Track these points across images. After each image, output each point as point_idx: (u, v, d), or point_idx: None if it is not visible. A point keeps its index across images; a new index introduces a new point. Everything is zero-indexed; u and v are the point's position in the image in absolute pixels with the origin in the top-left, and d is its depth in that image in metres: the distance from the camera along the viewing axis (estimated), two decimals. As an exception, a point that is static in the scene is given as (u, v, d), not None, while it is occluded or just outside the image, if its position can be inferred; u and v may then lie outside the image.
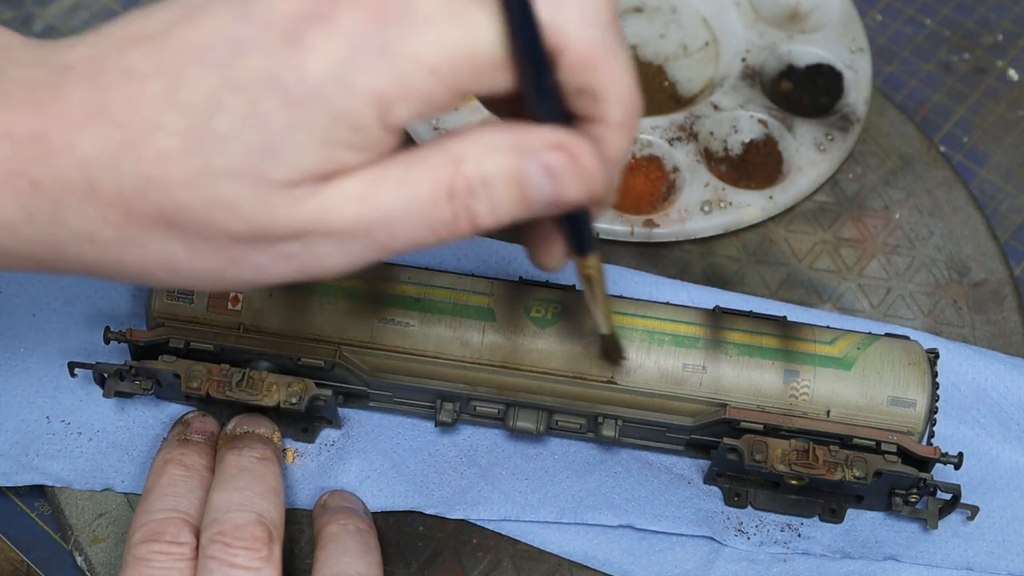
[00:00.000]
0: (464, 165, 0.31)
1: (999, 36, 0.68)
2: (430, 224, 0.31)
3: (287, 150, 0.30)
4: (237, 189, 0.30)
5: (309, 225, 0.31)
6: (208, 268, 0.32)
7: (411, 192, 0.31)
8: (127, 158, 0.30)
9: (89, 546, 0.47)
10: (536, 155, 0.31)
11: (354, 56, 0.29)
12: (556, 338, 0.47)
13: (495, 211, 0.31)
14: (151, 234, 0.31)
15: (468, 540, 0.48)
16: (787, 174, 0.58)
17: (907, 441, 0.46)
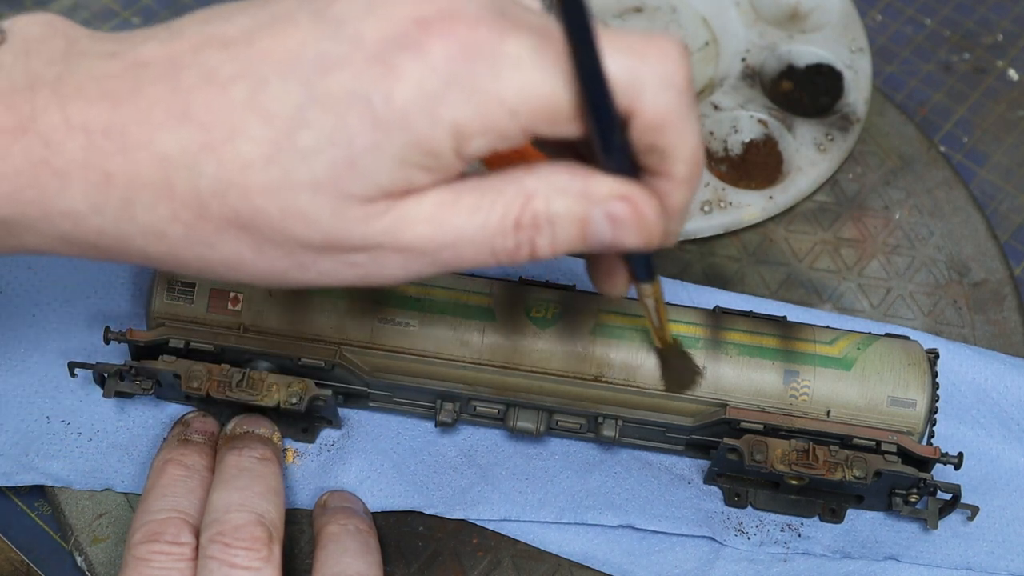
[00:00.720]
0: (534, 201, 0.32)
1: (999, 36, 0.68)
2: (493, 250, 0.33)
3: (367, 168, 0.30)
4: (316, 202, 0.31)
5: (381, 240, 0.32)
6: (272, 270, 0.33)
7: (482, 220, 0.32)
8: (207, 160, 0.30)
9: (89, 546, 0.47)
10: (601, 202, 0.32)
11: (442, 87, 0.30)
12: (556, 338, 0.47)
13: (555, 246, 0.33)
14: (222, 235, 0.32)
15: (468, 540, 0.48)
16: (787, 174, 0.58)
17: (907, 441, 0.46)
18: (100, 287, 0.52)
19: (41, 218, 0.32)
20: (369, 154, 0.30)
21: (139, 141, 0.31)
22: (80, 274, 0.52)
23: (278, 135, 0.30)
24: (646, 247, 0.33)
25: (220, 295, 0.47)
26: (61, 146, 0.31)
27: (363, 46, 0.30)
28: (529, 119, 0.31)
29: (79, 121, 0.31)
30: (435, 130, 0.30)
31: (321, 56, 0.30)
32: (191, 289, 0.47)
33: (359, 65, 0.30)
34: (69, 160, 0.31)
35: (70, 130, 0.31)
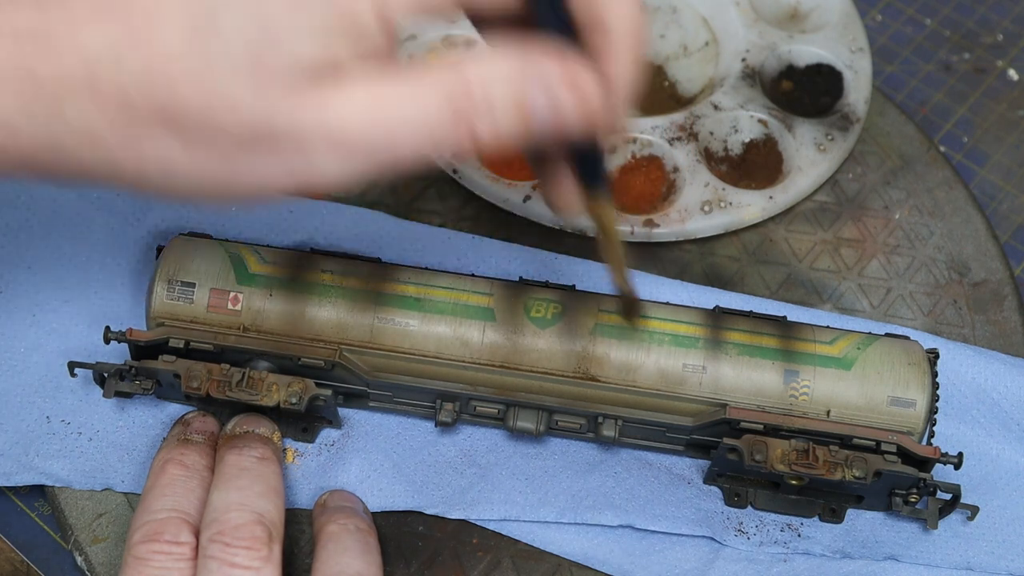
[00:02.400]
0: (470, 83, 0.31)
1: (999, 36, 0.68)
2: (432, 137, 0.32)
3: (286, 41, 0.30)
4: (237, 83, 0.30)
5: (311, 129, 0.31)
6: (205, 172, 0.32)
7: (417, 104, 0.31)
8: (129, 53, 0.30)
9: (89, 546, 0.47)
10: (540, 80, 0.32)
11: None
12: (556, 338, 0.47)
13: (496, 130, 0.32)
14: (150, 132, 0.31)
15: (468, 540, 0.48)
16: (787, 174, 0.58)
17: (907, 441, 0.46)
18: (100, 287, 0.52)
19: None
20: (287, 26, 0.30)
21: (63, 40, 0.30)
22: (80, 274, 0.52)
23: (197, 20, 0.30)
24: (589, 127, 0.33)
25: (220, 295, 0.47)
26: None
27: None
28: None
29: (8, 27, 0.30)
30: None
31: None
32: (191, 289, 0.47)
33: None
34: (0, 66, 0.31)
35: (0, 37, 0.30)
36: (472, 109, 0.32)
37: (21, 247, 0.52)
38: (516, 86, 0.32)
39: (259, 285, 0.47)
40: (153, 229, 0.53)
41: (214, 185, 0.32)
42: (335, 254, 0.49)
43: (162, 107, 0.31)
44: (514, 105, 0.32)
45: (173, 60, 0.30)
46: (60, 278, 0.52)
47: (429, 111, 0.31)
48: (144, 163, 0.32)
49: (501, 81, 0.32)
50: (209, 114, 0.31)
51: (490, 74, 0.32)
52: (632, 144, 0.59)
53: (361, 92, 0.31)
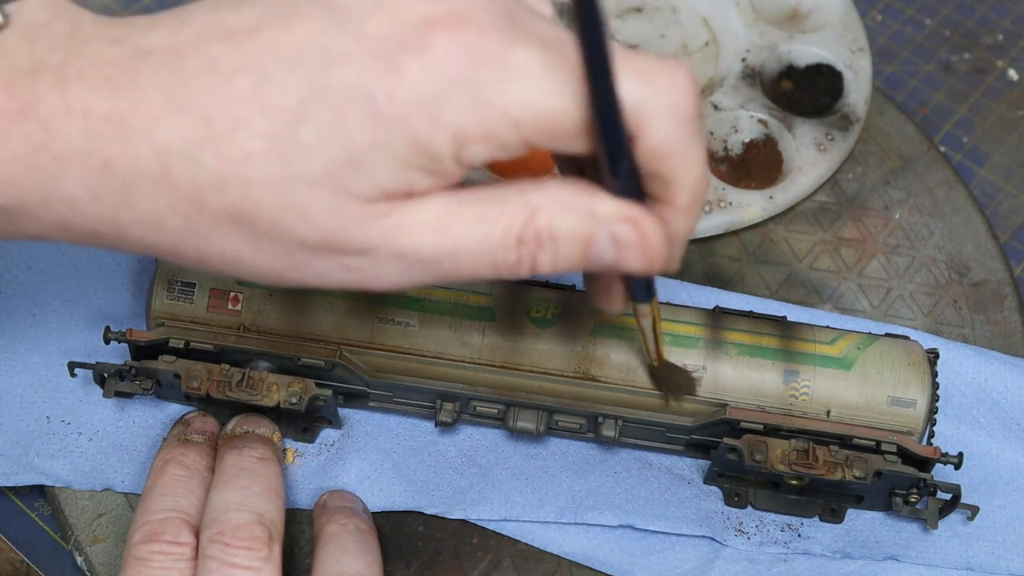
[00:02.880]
0: (538, 216, 0.32)
1: (999, 36, 0.68)
2: (494, 263, 0.32)
3: (367, 165, 0.30)
4: (315, 198, 0.31)
5: (380, 244, 0.32)
6: (269, 267, 0.33)
7: (484, 232, 0.32)
8: (207, 152, 0.30)
9: (89, 546, 0.47)
10: (607, 224, 0.32)
11: (444, 90, 0.30)
12: (556, 338, 0.47)
13: (556, 263, 0.33)
14: (219, 228, 0.32)
15: (468, 540, 0.48)
16: (787, 174, 0.58)
17: (907, 441, 0.46)
18: (100, 287, 0.52)
19: (40, 204, 0.32)
20: (368, 152, 0.30)
21: (139, 129, 0.30)
22: (80, 274, 0.52)
23: (278, 129, 0.30)
24: (648, 272, 0.33)
25: (220, 295, 0.47)
26: (60, 131, 0.30)
27: (368, 42, 0.30)
28: (531, 132, 0.30)
29: (79, 106, 0.30)
30: (435, 132, 0.30)
31: (325, 50, 0.30)
32: (191, 289, 0.47)
33: (363, 61, 0.30)
34: (68, 146, 0.31)
35: (70, 115, 0.30)
36: (536, 242, 0.32)
37: (21, 247, 0.52)
38: (582, 223, 0.32)
39: (259, 285, 0.47)
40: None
41: (275, 276, 0.33)
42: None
43: (235, 207, 0.31)
44: (578, 241, 0.32)
45: (251, 164, 0.30)
46: (60, 278, 0.52)
47: (493, 238, 0.32)
48: (207, 252, 0.32)
49: (568, 217, 0.32)
50: (282, 220, 0.31)
51: (558, 207, 0.32)
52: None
53: (431, 213, 0.32)
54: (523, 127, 0.30)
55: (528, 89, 0.30)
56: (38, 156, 0.31)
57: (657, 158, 0.32)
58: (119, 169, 0.31)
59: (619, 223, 0.32)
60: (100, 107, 0.30)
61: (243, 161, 0.30)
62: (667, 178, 0.32)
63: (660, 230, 0.33)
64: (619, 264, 0.33)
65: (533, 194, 0.32)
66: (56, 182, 0.31)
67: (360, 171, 0.30)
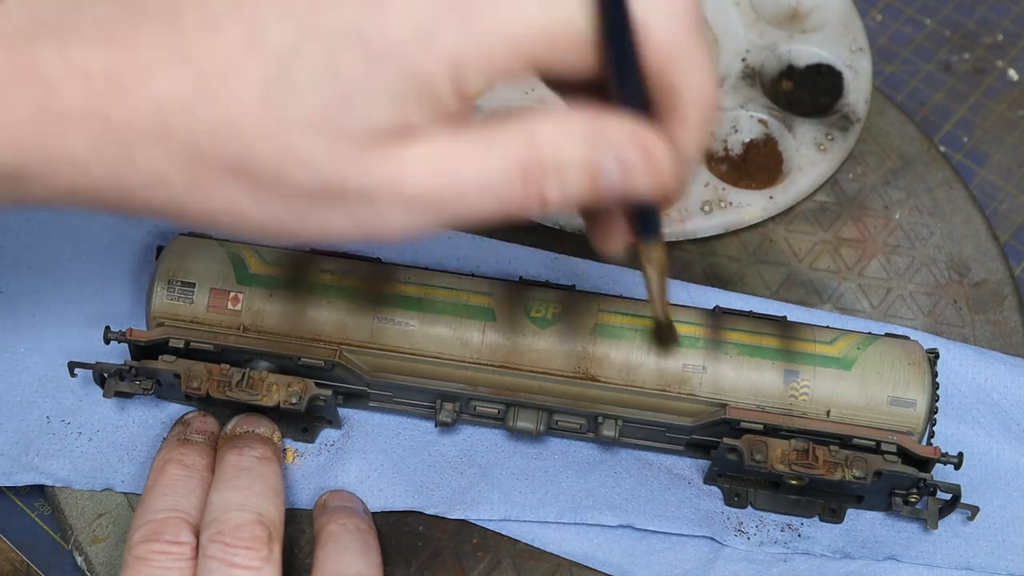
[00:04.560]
0: (541, 147, 0.31)
1: (999, 36, 0.68)
2: (500, 199, 0.32)
3: (362, 103, 0.30)
4: (312, 141, 0.30)
5: (381, 187, 0.31)
6: (272, 219, 0.32)
7: (487, 167, 0.31)
8: (203, 103, 0.30)
9: (89, 546, 0.47)
10: (612, 146, 0.31)
11: (436, 18, 0.29)
12: (556, 338, 0.47)
13: (564, 194, 0.32)
14: (220, 180, 0.31)
15: (468, 540, 0.48)
16: (787, 174, 0.58)
17: (907, 441, 0.46)
18: (100, 287, 0.52)
19: (45, 165, 0.31)
20: (363, 89, 0.30)
21: (135, 84, 0.30)
22: (80, 274, 0.52)
23: (272, 74, 0.30)
24: (659, 195, 0.32)
25: (220, 295, 0.47)
26: (61, 90, 0.30)
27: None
28: (531, 51, 0.30)
29: (79, 65, 0.30)
30: (430, 63, 0.29)
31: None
32: (191, 289, 0.47)
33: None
34: (69, 104, 0.30)
35: (70, 74, 0.30)
36: (541, 172, 0.31)
37: (21, 247, 0.52)
38: (587, 150, 0.31)
39: (259, 285, 0.47)
40: (153, 229, 0.53)
41: (280, 229, 0.33)
42: (335, 254, 0.49)
43: (233, 158, 0.31)
44: (584, 169, 0.32)
45: (247, 113, 0.30)
46: (60, 278, 0.52)
47: (497, 173, 0.31)
48: (211, 207, 0.32)
49: (572, 144, 0.31)
50: (280, 168, 0.31)
51: (561, 136, 0.31)
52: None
53: (432, 151, 0.31)
54: (522, 47, 0.30)
55: (521, 7, 0.29)
56: (41, 116, 0.31)
57: (665, 60, 0.31)
58: (119, 125, 0.31)
59: (625, 144, 0.31)
60: (98, 64, 0.30)
61: (237, 108, 0.30)
62: (674, 85, 0.31)
63: (668, 148, 0.32)
64: (628, 189, 0.32)
65: (535, 124, 0.31)
66: (60, 142, 0.31)
67: (355, 110, 0.30)
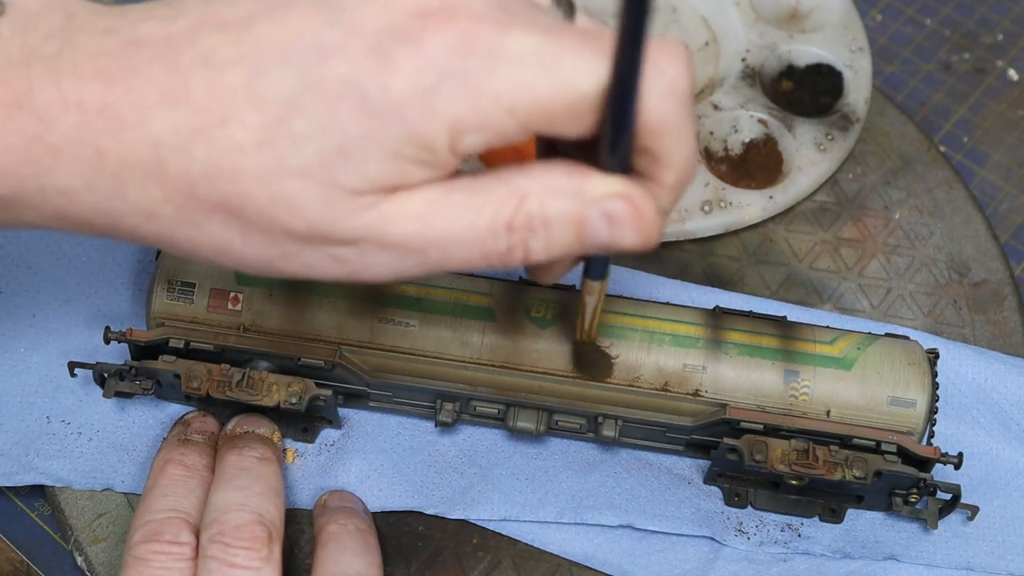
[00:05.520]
0: (527, 202, 0.32)
1: (999, 36, 0.68)
2: (484, 252, 0.32)
3: (358, 158, 0.30)
4: (305, 190, 0.31)
5: (367, 234, 0.32)
6: (259, 257, 0.33)
7: (472, 219, 0.32)
8: (199, 144, 0.30)
9: (89, 546, 0.47)
10: (599, 202, 0.32)
11: (438, 81, 0.30)
12: (556, 338, 0.47)
13: (549, 248, 0.33)
14: (210, 218, 0.32)
15: (468, 540, 0.48)
16: (787, 174, 0.58)
17: (907, 441, 0.46)
18: (100, 287, 0.52)
19: (36, 194, 0.32)
20: (361, 144, 0.30)
21: (132, 121, 0.31)
22: (80, 275, 0.52)
23: (270, 121, 0.30)
24: (643, 247, 0.33)
25: (220, 295, 0.47)
26: (55, 122, 0.31)
27: (361, 35, 0.30)
28: (527, 117, 0.30)
29: (74, 98, 0.31)
30: (430, 124, 0.30)
31: (318, 44, 0.30)
32: (191, 289, 0.47)
33: (356, 55, 0.30)
34: (63, 137, 0.31)
35: (65, 107, 0.31)
36: (528, 228, 0.32)
37: (21, 247, 0.52)
38: (575, 205, 0.32)
39: (259, 285, 0.47)
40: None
41: (265, 266, 0.33)
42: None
43: (225, 198, 0.31)
44: (571, 223, 0.32)
45: (243, 156, 0.30)
46: (60, 278, 0.52)
47: (482, 225, 0.32)
48: (200, 242, 0.33)
49: (560, 199, 0.32)
50: (272, 211, 0.31)
51: (549, 191, 0.32)
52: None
53: (419, 200, 0.32)
54: (518, 112, 0.30)
55: (522, 74, 0.30)
56: (33, 147, 0.31)
57: (652, 134, 0.32)
58: (112, 160, 0.31)
59: (612, 199, 0.32)
60: (94, 99, 0.31)
61: (234, 152, 0.30)
62: (658, 155, 0.32)
63: (653, 204, 0.33)
64: (613, 242, 0.33)
65: (520, 180, 0.32)
66: (52, 172, 0.31)
67: (351, 163, 0.30)
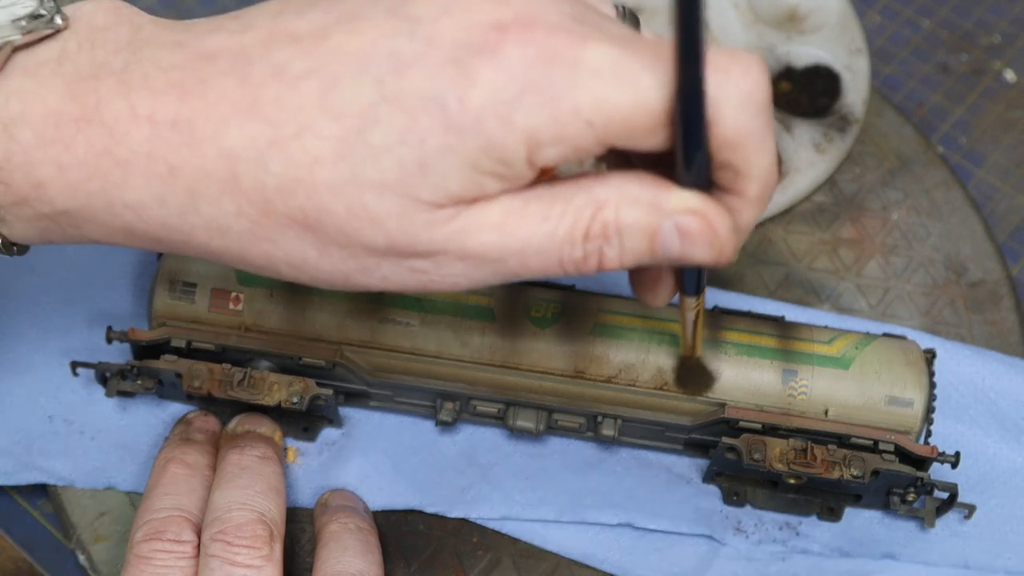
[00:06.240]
0: (604, 211, 0.32)
1: (997, 37, 0.68)
2: (561, 260, 0.32)
3: (438, 171, 0.30)
4: (384, 203, 0.30)
5: (446, 246, 0.31)
6: (336, 272, 0.32)
7: (551, 229, 0.32)
8: (275, 156, 0.30)
9: (91, 545, 0.47)
10: (673, 215, 0.32)
11: (518, 94, 0.29)
12: (556, 338, 0.47)
13: (623, 257, 0.32)
14: (286, 233, 0.31)
15: (468, 539, 0.48)
16: (785, 174, 0.59)
17: (905, 440, 0.46)
18: (102, 287, 0.52)
19: (104, 209, 0.31)
20: (440, 157, 0.30)
21: (206, 134, 0.30)
22: (82, 275, 0.52)
23: (348, 133, 0.30)
24: (715, 263, 0.33)
25: (222, 295, 0.47)
26: (126, 136, 0.30)
27: (439, 47, 0.30)
28: (605, 130, 0.30)
29: (145, 111, 0.30)
30: (508, 136, 0.30)
31: (395, 55, 0.30)
32: (192, 289, 0.47)
33: (434, 66, 0.29)
34: (133, 151, 0.30)
35: (135, 120, 0.30)
36: (603, 236, 0.32)
37: (23, 247, 0.52)
38: (648, 215, 0.32)
39: (260, 285, 0.47)
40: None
41: (343, 280, 0.33)
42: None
43: (302, 211, 0.31)
44: (644, 233, 0.32)
45: (320, 168, 0.30)
46: (63, 279, 0.52)
47: (559, 235, 0.32)
48: (274, 256, 0.32)
49: (634, 210, 0.32)
50: (350, 225, 0.31)
51: (624, 202, 0.32)
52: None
53: (497, 211, 0.31)
54: (596, 126, 0.30)
55: (600, 87, 0.30)
56: (102, 161, 0.30)
57: (730, 147, 0.31)
58: (185, 174, 0.31)
59: (686, 214, 0.32)
60: (166, 112, 0.30)
61: (311, 165, 0.30)
62: (738, 168, 0.32)
63: (728, 220, 0.32)
64: (684, 256, 0.32)
65: (598, 188, 0.32)
66: (121, 187, 0.31)
67: (430, 176, 0.30)
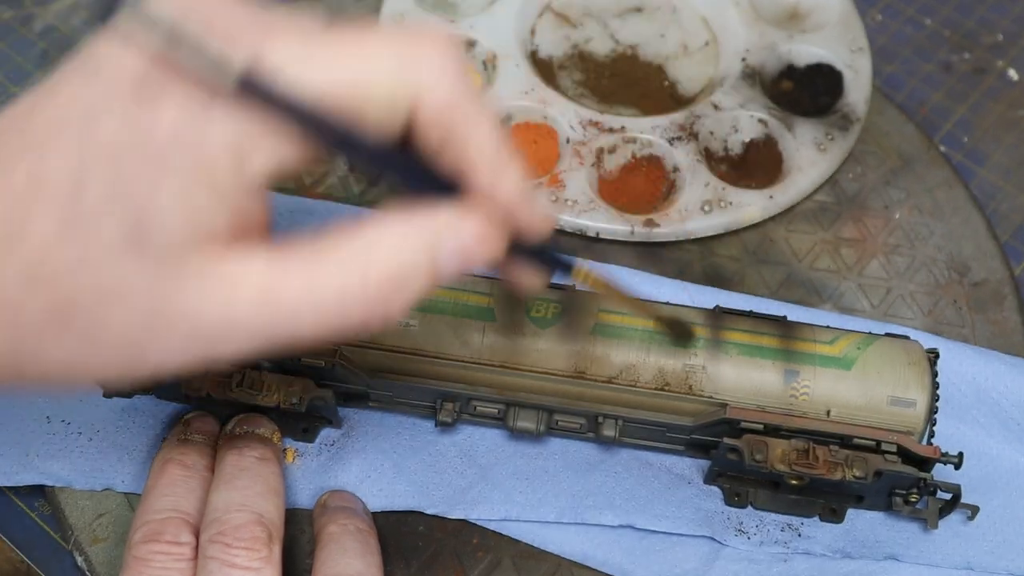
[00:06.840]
0: (375, 259, 0.30)
1: (999, 36, 0.68)
2: (341, 316, 0.30)
3: (154, 212, 0.28)
4: (120, 266, 0.28)
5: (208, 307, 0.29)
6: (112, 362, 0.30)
7: (320, 284, 0.30)
8: (6, 259, 0.28)
9: (89, 546, 0.47)
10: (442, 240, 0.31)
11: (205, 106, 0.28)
12: (556, 338, 0.47)
13: (408, 297, 0.31)
14: (46, 335, 0.29)
15: (468, 540, 0.48)
16: (787, 174, 0.59)
17: (907, 441, 0.46)
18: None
19: None
20: (151, 195, 0.28)
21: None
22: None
23: (63, 203, 0.28)
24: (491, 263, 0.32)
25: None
26: None
27: (122, 83, 0.28)
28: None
29: None
30: (208, 148, 0.28)
31: (86, 105, 0.28)
32: (191, 289, 0.47)
33: (121, 104, 0.28)
34: None
35: None
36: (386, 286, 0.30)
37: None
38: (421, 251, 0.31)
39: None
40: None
41: (123, 369, 0.30)
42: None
43: (52, 306, 0.28)
44: (424, 271, 0.31)
45: (51, 254, 0.28)
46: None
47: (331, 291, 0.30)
48: (46, 368, 0.30)
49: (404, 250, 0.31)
50: (100, 305, 0.28)
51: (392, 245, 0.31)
52: (632, 144, 0.59)
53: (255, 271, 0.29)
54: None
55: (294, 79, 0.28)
56: None
57: (440, 121, 0.30)
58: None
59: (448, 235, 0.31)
60: None
61: (41, 253, 0.28)
62: (458, 139, 0.31)
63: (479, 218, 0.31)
64: (471, 265, 0.32)
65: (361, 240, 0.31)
66: None
67: (148, 220, 0.28)
